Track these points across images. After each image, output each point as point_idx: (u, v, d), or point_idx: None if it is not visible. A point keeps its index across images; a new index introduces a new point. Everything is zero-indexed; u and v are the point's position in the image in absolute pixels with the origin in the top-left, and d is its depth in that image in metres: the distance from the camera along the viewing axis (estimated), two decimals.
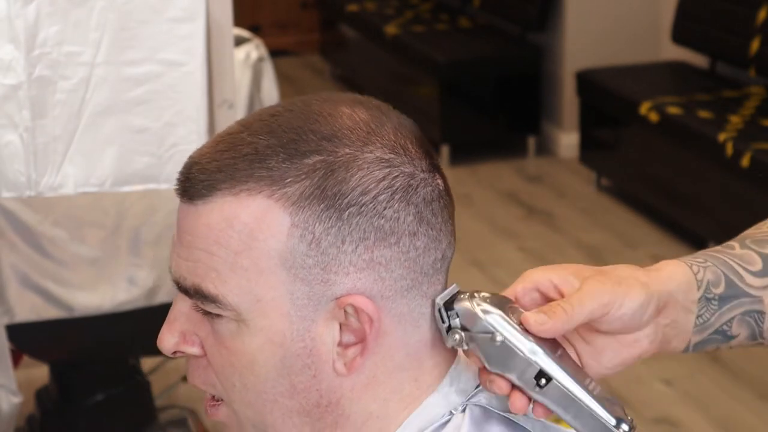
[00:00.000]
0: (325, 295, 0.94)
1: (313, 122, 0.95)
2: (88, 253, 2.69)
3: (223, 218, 0.93)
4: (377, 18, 6.32)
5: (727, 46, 4.84)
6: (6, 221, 2.61)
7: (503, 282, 4.29)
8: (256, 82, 3.44)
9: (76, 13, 2.08)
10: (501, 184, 5.29)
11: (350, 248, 0.93)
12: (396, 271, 0.95)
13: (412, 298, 0.96)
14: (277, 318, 0.94)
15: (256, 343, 0.95)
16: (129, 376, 2.99)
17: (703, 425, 3.38)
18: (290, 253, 0.93)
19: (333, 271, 0.93)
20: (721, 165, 4.25)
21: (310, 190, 0.92)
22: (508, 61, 5.61)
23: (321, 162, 0.93)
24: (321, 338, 0.94)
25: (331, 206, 0.92)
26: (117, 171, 2.15)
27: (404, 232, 0.95)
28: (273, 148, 0.93)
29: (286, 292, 0.93)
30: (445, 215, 0.99)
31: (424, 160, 0.97)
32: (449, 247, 1.00)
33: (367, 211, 0.93)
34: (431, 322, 0.98)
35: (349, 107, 0.97)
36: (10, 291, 2.63)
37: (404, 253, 0.95)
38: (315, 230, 0.92)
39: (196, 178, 0.94)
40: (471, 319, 0.96)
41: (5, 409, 2.53)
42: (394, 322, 0.96)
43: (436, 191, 0.97)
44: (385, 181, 0.94)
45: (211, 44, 2.17)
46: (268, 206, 0.93)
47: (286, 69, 6.71)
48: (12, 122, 2.08)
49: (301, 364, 0.95)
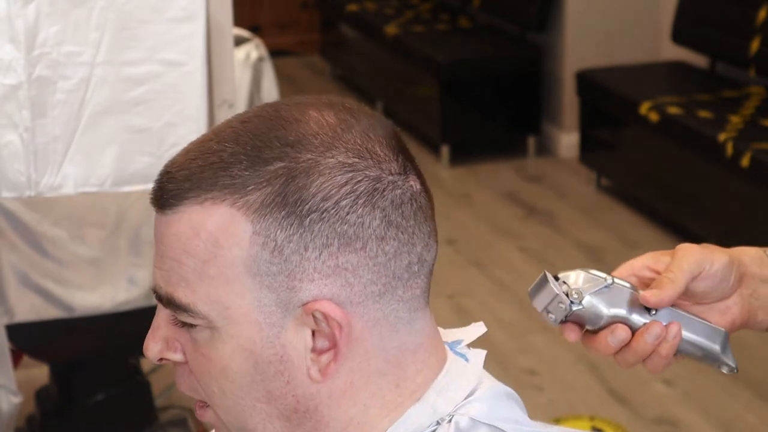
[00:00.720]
0: (291, 301, 0.93)
1: (278, 128, 0.94)
2: (88, 253, 2.69)
3: (190, 227, 0.94)
4: (377, 18, 6.32)
5: (727, 46, 4.84)
6: (6, 221, 2.61)
7: (503, 282, 4.29)
8: (256, 82, 3.44)
9: (76, 13, 2.08)
10: (501, 184, 5.29)
11: (314, 255, 0.92)
12: (365, 277, 0.93)
13: (386, 303, 0.95)
14: (247, 325, 0.94)
15: (228, 350, 0.95)
16: (129, 376, 2.99)
17: (703, 425, 3.38)
18: (254, 261, 0.92)
19: (298, 278, 0.92)
20: (721, 165, 4.24)
21: (271, 197, 0.92)
22: (508, 61, 5.61)
23: (282, 169, 0.92)
24: (292, 345, 0.94)
25: (292, 213, 0.92)
26: (117, 171, 2.15)
27: (370, 236, 0.93)
28: (237, 156, 0.93)
29: (253, 300, 0.93)
30: (420, 217, 0.96)
31: (394, 162, 0.95)
32: (427, 249, 0.97)
33: (329, 217, 0.92)
34: (411, 327, 0.97)
35: (317, 111, 0.96)
36: (10, 291, 2.63)
37: (372, 258, 0.93)
38: (277, 237, 0.92)
39: (166, 187, 0.95)
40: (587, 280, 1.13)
41: (5, 409, 2.53)
42: (368, 327, 0.94)
43: (407, 193, 0.95)
44: (347, 186, 0.92)
45: (211, 44, 2.17)
46: (231, 215, 0.92)
47: (286, 69, 6.71)
48: (12, 122, 2.08)
49: (273, 371, 0.94)
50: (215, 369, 0.96)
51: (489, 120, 5.63)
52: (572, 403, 3.51)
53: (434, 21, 6.18)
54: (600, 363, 3.66)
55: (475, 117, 5.59)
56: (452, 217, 4.93)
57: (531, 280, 1.22)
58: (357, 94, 6.66)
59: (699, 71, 5.12)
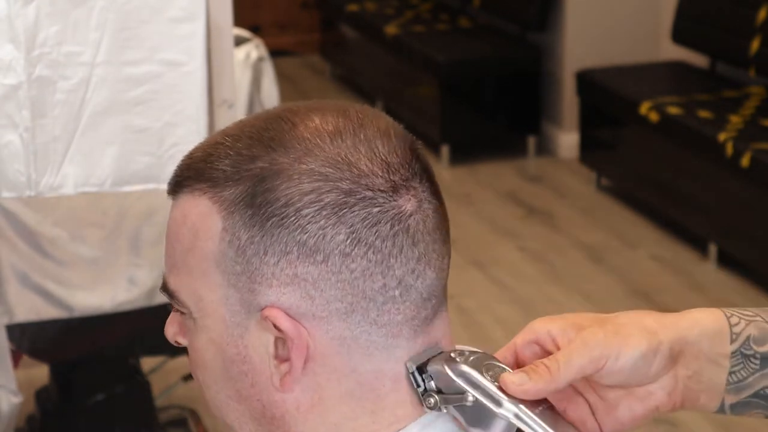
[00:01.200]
0: (252, 304, 0.91)
1: (273, 129, 0.93)
2: (88, 253, 2.69)
3: (181, 214, 0.95)
4: (377, 18, 6.32)
5: (727, 46, 4.84)
6: (6, 221, 2.61)
7: (503, 282, 4.29)
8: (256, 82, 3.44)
9: (76, 13, 2.08)
10: (501, 184, 5.29)
11: (272, 260, 0.90)
12: (328, 292, 0.90)
13: (355, 324, 0.90)
14: (216, 320, 0.93)
15: (203, 342, 0.95)
16: (129, 376, 2.99)
17: (704, 425, 3.38)
18: (222, 258, 0.92)
19: (258, 282, 0.90)
20: (721, 165, 4.24)
21: (242, 196, 0.91)
22: (508, 61, 5.61)
23: (259, 169, 0.91)
24: (254, 347, 0.92)
25: (256, 214, 0.90)
26: (117, 171, 2.15)
27: (333, 251, 0.89)
28: (227, 151, 0.93)
29: (222, 296, 0.92)
30: (403, 240, 0.90)
31: (381, 178, 0.90)
32: (413, 275, 0.91)
33: (288, 223, 0.89)
34: (390, 354, 0.92)
35: (321, 116, 0.93)
36: (10, 291, 2.63)
37: (335, 274, 0.89)
38: (241, 237, 0.91)
39: (174, 174, 0.96)
40: (444, 380, 0.91)
41: (5, 409, 2.53)
42: (334, 344, 0.91)
43: (388, 213, 0.90)
44: (311, 195, 0.89)
45: (211, 44, 2.17)
46: (209, 208, 0.92)
47: (286, 69, 6.70)
48: (12, 122, 2.08)
49: (237, 371, 0.93)
50: (197, 360, 0.96)
51: (489, 120, 5.63)
52: None
53: (434, 21, 6.18)
54: None
55: (475, 117, 5.59)
56: (452, 217, 4.88)
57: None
58: (357, 94, 6.66)
59: (699, 71, 5.12)
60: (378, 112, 0.96)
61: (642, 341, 0.91)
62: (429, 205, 0.93)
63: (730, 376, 0.94)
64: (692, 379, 0.94)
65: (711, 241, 4.39)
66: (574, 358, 0.90)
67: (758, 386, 0.94)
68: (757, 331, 0.95)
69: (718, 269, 4.35)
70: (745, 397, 0.95)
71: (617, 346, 0.90)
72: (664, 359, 0.92)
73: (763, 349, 0.94)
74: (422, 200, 0.92)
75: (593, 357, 0.90)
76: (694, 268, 4.39)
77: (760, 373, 0.94)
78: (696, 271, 4.37)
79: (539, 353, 0.94)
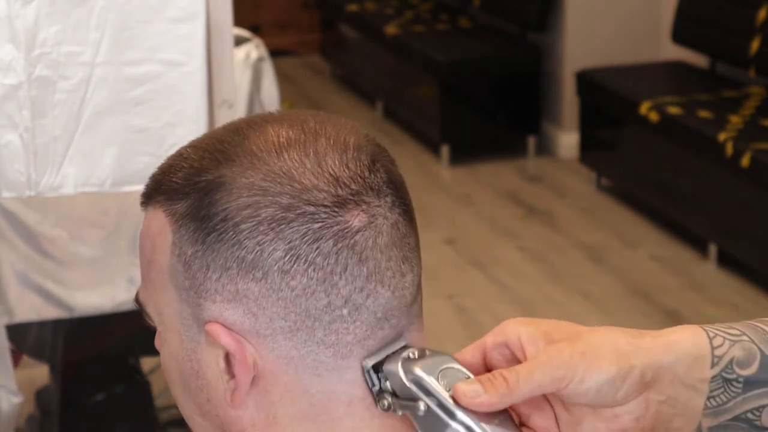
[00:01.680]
0: (200, 318, 0.89)
1: (226, 142, 0.90)
2: (88, 253, 2.69)
3: (146, 227, 0.94)
4: (377, 18, 6.32)
5: (727, 46, 4.84)
6: (6, 221, 2.61)
7: (503, 282, 4.29)
8: (256, 82, 3.44)
9: (76, 13, 2.08)
10: (501, 184, 5.29)
11: (214, 276, 0.88)
12: (270, 309, 0.87)
13: (301, 343, 0.87)
14: (174, 334, 0.92)
15: (165, 355, 0.95)
16: (129, 376, 2.99)
17: None
18: (173, 271, 0.90)
19: (203, 297, 0.89)
20: (721, 165, 4.24)
21: (188, 209, 0.89)
22: (508, 61, 5.61)
23: (206, 182, 0.88)
24: (206, 362, 0.90)
25: (199, 228, 0.88)
26: (117, 171, 2.16)
27: (272, 267, 0.86)
28: (182, 164, 0.91)
29: (177, 311, 0.91)
30: (344, 258, 0.86)
31: (326, 192, 0.87)
32: (363, 294, 0.87)
33: (227, 238, 0.87)
34: (341, 375, 0.89)
35: (276, 128, 0.90)
36: (10, 291, 2.63)
37: (276, 291, 0.86)
38: (187, 251, 0.89)
39: (144, 186, 0.95)
40: (398, 384, 0.86)
41: (5, 409, 2.53)
42: (281, 364, 0.88)
43: (332, 229, 0.86)
44: (248, 210, 0.86)
45: (211, 44, 2.17)
46: (163, 221, 0.91)
47: (286, 69, 6.70)
48: (12, 122, 2.08)
49: (194, 385, 0.92)
50: (165, 372, 0.96)
51: (489, 120, 5.63)
52: None
53: (434, 21, 6.18)
54: None
55: (475, 117, 5.59)
56: (452, 217, 4.93)
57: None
58: (357, 94, 6.66)
59: (699, 71, 5.12)
60: (342, 123, 0.92)
61: (611, 367, 0.85)
62: (384, 221, 0.88)
63: (709, 400, 0.88)
64: (666, 404, 0.88)
65: (711, 241, 4.39)
66: (535, 374, 0.85)
67: (739, 410, 0.89)
68: (741, 352, 0.89)
69: (718, 269, 4.35)
70: (724, 420, 0.89)
71: (583, 368, 0.85)
72: (633, 384, 0.86)
73: (747, 372, 0.88)
74: (375, 215, 0.88)
75: (555, 377, 0.85)
76: (694, 268, 4.39)
77: (742, 397, 0.89)
78: (696, 271, 4.37)
79: (509, 357, 0.88)
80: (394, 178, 0.91)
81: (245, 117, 0.95)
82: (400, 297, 0.89)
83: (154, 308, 0.94)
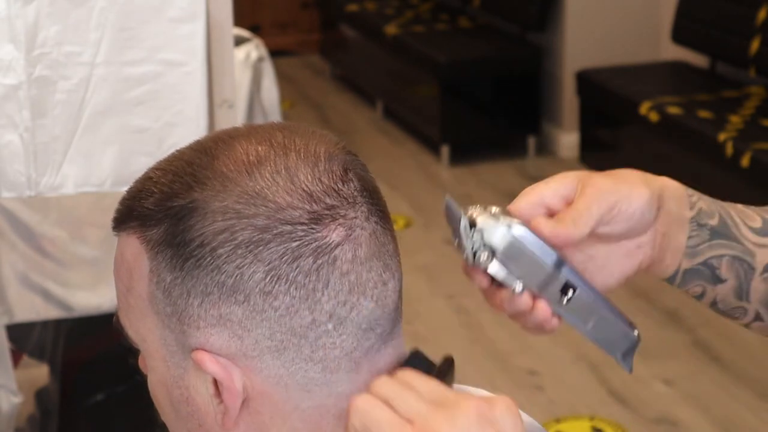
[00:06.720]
0: (185, 345, 0.89)
1: (195, 164, 0.89)
2: (88, 253, 2.69)
3: (120, 253, 0.92)
4: (377, 18, 6.32)
5: (727, 46, 4.84)
6: (6, 221, 2.61)
7: None
8: (256, 82, 3.44)
9: (76, 13, 2.08)
10: (501, 184, 5.29)
11: (196, 302, 0.87)
12: (255, 331, 0.86)
13: (289, 361, 0.87)
14: (159, 361, 0.92)
15: (153, 382, 0.94)
16: (129, 376, 2.99)
17: (704, 425, 3.38)
18: (153, 299, 0.89)
19: (186, 323, 0.88)
20: (721, 165, 4.25)
21: (163, 236, 0.87)
22: (508, 61, 5.62)
23: (178, 207, 0.87)
24: (195, 388, 0.90)
25: (176, 255, 0.87)
26: (117, 171, 2.15)
27: (253, 290, 0.85)
28: (151, 188, 0.89)
29: (160, 337, 0.91)
30: (325, 274, 0.86)
31: (301, 210, 0.86)
32: (343, 307, 0.87)
33: (205, 264, 0.86)
34: (330, 389, 0.89)
35: (244, 145, 0.89)
36: (10, 291, 2.63)
37: (259, 313, 0.86)
38: (166, 278, 0.88)
39: (115, 211, 0.93)
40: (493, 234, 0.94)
41: (5, 409, 2.53)
42: (270, 383, 0.88)
43: (310, 246, 0.86)
44: (224, 234, 0.85)
45: (211, 44, 2.17)
46: (138, 248, 0.89)
47: (286, 69, 6.71)
48: (12, 122, 2.08)
49: (185, 411, 0.92)
50: (154, 399, 0.95)
51: (489, 120, 5.63)
52: (572, 403, 3.51)
53: (434, 21, 6.19)
54: (600, 363, 3.65)
55: (475, 117, 5.59)
56: None
57: None
58: (357, 94, 6.66)
59: (699, 71, 5.12)
60: (310, 132, 0.92)
61: (647, 189, 0.96)
62: (362, 231, 0.88)
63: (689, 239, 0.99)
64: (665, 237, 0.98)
65: None
66: (593, 207, 0.93)
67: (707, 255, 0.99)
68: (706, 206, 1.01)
69: None
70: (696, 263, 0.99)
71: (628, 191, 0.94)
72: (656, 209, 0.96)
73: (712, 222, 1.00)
74: (353, 227, 0.87)
75: (609, 203, 0.93)
76: None
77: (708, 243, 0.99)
78: None
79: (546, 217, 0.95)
80: (367, 185, 0.91)
81: (211, 134, 0.94)
82: (383, 306, 0.89)
83: (136, 335, 0.93)
